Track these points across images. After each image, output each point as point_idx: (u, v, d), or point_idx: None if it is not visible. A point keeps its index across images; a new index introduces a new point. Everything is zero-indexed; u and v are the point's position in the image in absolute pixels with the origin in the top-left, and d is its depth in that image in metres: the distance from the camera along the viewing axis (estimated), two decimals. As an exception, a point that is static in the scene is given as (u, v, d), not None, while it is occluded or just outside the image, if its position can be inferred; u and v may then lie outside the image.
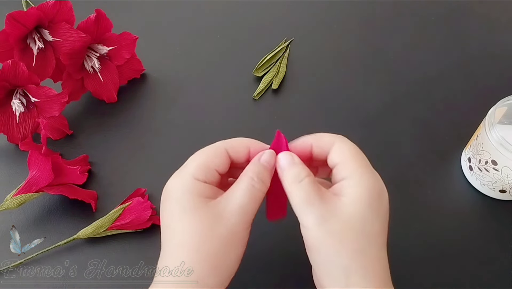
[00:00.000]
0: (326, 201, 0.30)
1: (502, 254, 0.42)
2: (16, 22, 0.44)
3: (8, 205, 0.42)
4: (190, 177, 0.31)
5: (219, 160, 0.32)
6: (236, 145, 0.33)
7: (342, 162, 0.31)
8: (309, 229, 0.30)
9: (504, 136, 0.39)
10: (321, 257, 0.30)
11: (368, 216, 0.30)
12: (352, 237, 0.29)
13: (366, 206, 0.30)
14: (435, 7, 0.62)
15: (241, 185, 0.31)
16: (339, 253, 0.29)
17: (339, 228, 0.29)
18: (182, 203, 0.31)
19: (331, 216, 0.29)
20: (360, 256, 0.29)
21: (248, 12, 0.62)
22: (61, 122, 0.49)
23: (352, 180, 0.30)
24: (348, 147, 0.32)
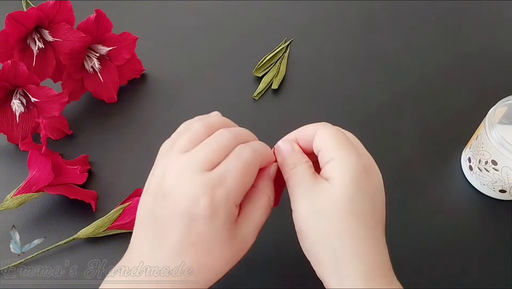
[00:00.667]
0: (317, 186, 0.30)
1: (502, 254, 0.42)
2: (16, 22, 0.44)
3: (8, 205, 0.42)
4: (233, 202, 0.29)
5: (253, 179, 0.31)
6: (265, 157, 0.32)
7: (324, 146, 0.31)
8: (300, 213, 0.30)
9: (504, 136, 0.39)
10: (311, 240, 0.30)
11: (356, 196, 0.29)
12: (340, 218, 0.29)
13: (354, 186, 0.30)
14: (435, 7, 0.62)
15: (261, 206, 0.32)
16: (327, 234, 0.29)
17: (328, 210, 0.29)
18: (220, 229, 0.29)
19: (320, 199, 0.30)
20: (347, 235, 0.29)
21: (248, 12, 0.62)
22: (61, 122, 0.49)
23: (334, 162, 0.30)
24: (329, 131, 0.32)
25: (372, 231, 0.30)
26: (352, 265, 0.29)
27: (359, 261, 0.29)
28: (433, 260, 0.42)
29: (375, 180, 0.31)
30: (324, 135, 0.32)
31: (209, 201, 0.28)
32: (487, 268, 0.42)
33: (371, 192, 0.30)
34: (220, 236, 0.29)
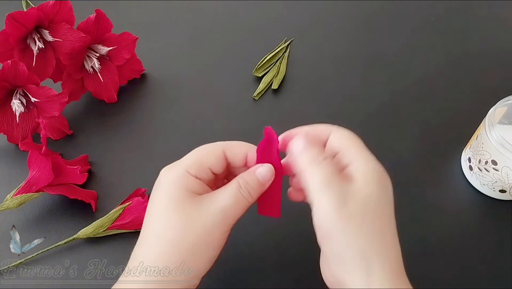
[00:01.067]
0: (344, 183, 0.29)
1: (502, 254, 0.42)
2: (16, 22, 0.44)
3: (8, 205, 0.42)
4: (182, 169, 0.32)
5: (214, 159, 0.32)
6: (234, 147, 0.33)
7: (344, 147, 0.31)
8: (327, 212, 0.29)
9: (504, 136, 0.39)
10: (339, 241, 0.29)
11: (382, 198, 0.30)
12: (370, 219, 0.29)
13: (379, 188, 0.30)
14: (435, 7, 0.62)
15: (228, 188, 0.31)
16: (357, 236, 0.29)
17: (358, 210, 0.29)
18: (169, 194, 0.31)
19: (349, 198, 0.29)
20: (378, 238, 0.29)
21: (248, 12, 0.62)
22: (61, 122, 0.49)
23: (359, 163, 0.30)
24: (347, 133, 0.32)
25: (394, 232, 0.30)
26: (381, 267, 0.29)
27: (388, 263, 0.29)
28: (433, 260, 0.42)
29: (390, 184, 0.31)
30: (343, 136, 0.32)
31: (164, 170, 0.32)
32: (487, 268, 0.42)
33: (391, 194, 0.31)
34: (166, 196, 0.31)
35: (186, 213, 0.30)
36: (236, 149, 0.33)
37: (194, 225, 0.30)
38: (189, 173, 0.31)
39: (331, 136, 0.32)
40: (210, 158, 0.32)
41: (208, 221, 0.30)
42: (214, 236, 0.31)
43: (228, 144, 0.33)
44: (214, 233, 0.30)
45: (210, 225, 0.30)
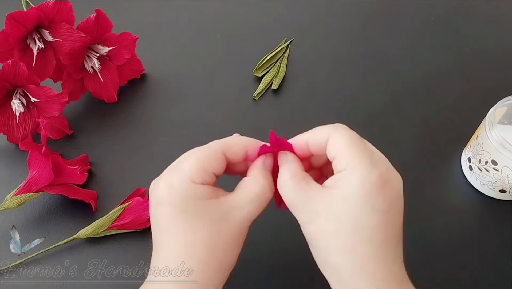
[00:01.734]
0: (315, 198, 0.29)
1: (502, 254, 0.42)
2: (16, 22, 0.44)
3: (8, 205, 0.42)
4: (188, 180, 0.30)
5: (216, 163, 0.31)
6: (232, 145, 0.32)
7: (338, 155, 0.30)
8: (303, 227, 0.30)
9: (504, 136, 0.39)
10: (316, 253, 0.30)
11: (360, 211, 0.27)
12: (341, 236, 0.28)
13: (358, 200, 0.27)
14: (435, 7, 0.62)
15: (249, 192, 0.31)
16: (328, 252, 0.29)
17: (329, 226, 0.28)
18: (182, 207, 0.30)
19: (320, 214, 0.28)
20: (348, 255, 0.28)
21: (248, 12, 0.62)
22: (61, 122, 0.49)
23: (344, 173, 0.29)
24: (343, 137, 0.30)
25: (381, 246, 0.28)
26: (358, 282, 0.28)
27: (365, 278, 0.28)
28: (432, 260, 0.42)
29: (391, 191, 0.29)
30: (338, 142, 0.30)
31: (165, 183, 0.30)
32: (487, 268, 0.42)
33: (384, 205, 0.28)
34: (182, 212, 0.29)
35: (209, 227, 0.29)
36: (235, 148, 0.32)
37: (222, 236, 0.30)
38: (195, 182, 0.30)
39: (329, 142, 0.31)
40: (212, 163, 0.31)
41: (235, 229, 0.30)
42: (242, 237, 0.31)
43: (226, 144, 0.32)
44: (242, 235, 0.31)
45: (239, 230, 0.31)
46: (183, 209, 0.30)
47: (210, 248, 0.30)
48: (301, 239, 0.31)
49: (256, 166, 0.32)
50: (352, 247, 0.28)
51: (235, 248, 0.31)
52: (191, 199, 0.30)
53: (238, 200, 0.31)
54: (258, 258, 0.42)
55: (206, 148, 0.32)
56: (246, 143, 0.32)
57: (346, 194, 0.28)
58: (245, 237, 0.32)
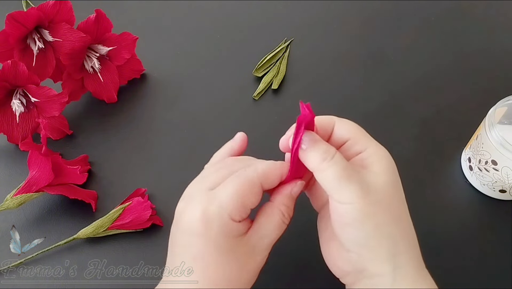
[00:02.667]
0: (361, 173, 0.30)
1: (502, 253, 0.42)
2: (16, 22, 0.44)
3: (8, 205, 0.42)
4: (227, 216, 0.29)
5: (255, 198, 0.30)
6: (270, 175, 0.31)
7: (353, 135, 0.31)
8: (353, 203, 0.28)
9: (504, 136, 0.39)
10: (366, 230, 0.29)
11: (397, 183, 0.31)
12: (395, 205, 0.30)
13: (393, 174, 0.30)
14: (435, 7, 0.62)
15: (273, 221, 0.31)
16: (385, 222, 0.29)
17: (381, 197, 0.29)
18: (216, 243, 0.29)
19: (371, 187, 0.29)
20: (401, 221, 0.30)
21: (248, 12, 0.62)
22: (61, 122, 0.49)
23: (370, 151, 0.31)
24: (351, 122, 0.32)
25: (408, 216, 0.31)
26: (409, 251, 0.30)
27: (414, 247, 0.30)
28: (432, 260, 0.42)
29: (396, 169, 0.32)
30: (349, 125, 0.32)
31: (201, 215, 0.29)
32: (487, 268, 0.42)
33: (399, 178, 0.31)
34: (216, 249, 0.29)
35: (239, 260, 0.30)
36: (272, 178, 0.31)
37: (247, 266, 0.31)
38: (234, 220, 0.30)
39: (337, 126, 0.32)
40: (251, 198, 0.30)
41: (260, 257, 0.31)
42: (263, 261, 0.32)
43: (264, 174, 0.31)
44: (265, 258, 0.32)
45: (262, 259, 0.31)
46: (217, 244, 0.29)
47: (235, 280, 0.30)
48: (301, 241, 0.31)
49: (283, 194, 0.32)
50: (405, 215, 0.31)
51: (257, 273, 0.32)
52: (227, 236, 0.30)
53: (263, 230, 0.31)
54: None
55: (245, 179, 0.30)
56: (282, 171, 0.32)
57: (382, 169, 0.30)
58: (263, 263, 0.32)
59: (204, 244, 0.29)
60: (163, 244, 0.43)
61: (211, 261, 0.30)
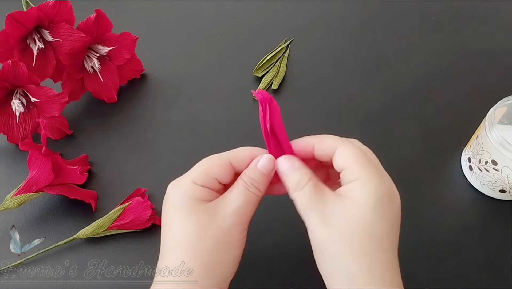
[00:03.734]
0: (329, 204, 0.30)
1: (502, 254, 0.42)
2: (16, 22, 0.44)
3: (8, 205, 0.42)
4: (189, 181, 0.32)
5: (219, 169, 0.32)
6: (239, 154, 0.33)
7: (347, 166, 0.31)
8: (313, 231, 0.30)
9: (504, 136, 0.39)
10: (325, 259, 0.31)
11: (373, 219, 0.30)
12: (355, 240, 0.29)
13: (371, 209, 0.30)
14: (435, 7, 0.62)
15: (236, 189, 0.32)
16: (341, 256, 0.29)
17: (342, 230, 0.29)
18: (179, 204, 0.32)
19: (334, 218, 0.30)
20: (363, 258, 0.29)
21: (248, 12, 0.62)
22: (61, 122, 0.49)
23: (357, 183, 0.30)
24: (352, 149, 0.32)
25: (387, 253, 0.30)
26: (370, 285, 0.29)
27: (378, 281, 0.29)
28: (432, 260, 0.42)
29: (395, 203, 0.31)
30: (348, 154, 0.31)
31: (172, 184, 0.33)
32: (487, 268, 0.42)
33: (391, 215, 0.31)
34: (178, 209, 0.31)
35: (199, 220, 0.31)
36: (241, 155, 0.33)
37: (209, 228, 0.31)
38: (196, 183, 0.32)
39: (337, 153, 0.32)
40: (215, 168, 0.32)
41: (224, 222, 0.31)
42: (232, 235, 0.31)
43: (233, 153, 0.33)
44: (231, 232, 0.31)
45: (226, 225, 0.31)
46: (180, 205, 0.31)
47: (196, 240, 0.30)
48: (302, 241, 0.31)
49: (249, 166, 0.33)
50: (366, 251, 0.29)
51: (226, 247, 0.31)
52: (190, 197, 0.31)
53: (227, 197, 0.32)
54: (257, 257, 0.42)
55: (215, 156, 0.33)
56: (252, 151, 0.34)
57: (360, 202, 0.30)
58: (240, 239, 0.32)
59: (171, 207, 0.32)
60: (163, 244, 0.43)
61: (174, 220, 0.31)
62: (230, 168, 0.33)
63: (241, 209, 0.31)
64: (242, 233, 0.32)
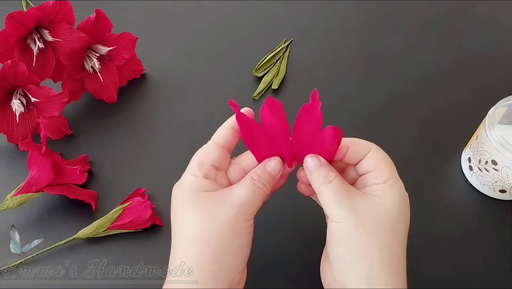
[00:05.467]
0: (356, 198, 0.32)
1: (502, 254, 0.42)
2: (16, 22, 0.44)
3: (8, 205, 0.42)
4: (189, 175, 0.34)
5: (211, 155, 0.34)
6: (220, 132, 0.35)
7: (378, 168, 0.33)
8: (340, 222, 0.31)
9: (504, 136, 0.39)
10: (348, 248, 0.31)
11: (397, 218, 0.32)
12: (380, 233, 0.31)
13: (397, 209, 0.32)
14: (435, 7, 0.62)
15: (243, 182, 0.33)
16: (366, 245, 0.31)
17: (369, 222, 0.31)
18: (185, 198, 0.33)
19: (362, 211, 0.31)
20: (386, 250, 0.31)
21: (248, 12, 0.62)
22: (61, 122, 0.49)
23: (385, 185, 0.32)
24: (384, 155, 0.34)
25: (404, 252, 0.32)
26: (385, 279, 0.31)
27: (391, 276, 0.31)
28: (432, 260, 0.42)
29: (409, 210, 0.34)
30: (380, 158, 0.34)
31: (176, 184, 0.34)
32: (487, 268, 0.42)
33: (407, 219, 0.33)
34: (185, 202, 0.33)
35: (208, 209, 0.32)
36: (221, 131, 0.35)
37: (217, 217, 0.31)
38: (196, 175, 0.33)
39: (370, 155, 0.33)
40: (207, 156, 0.34)
41: (230, 211, 0.32)
42: (240, 223, 0.32)
43: (215, 135, 0.35)
44: (238, 219, 0.32)
45: (233, 214, 0.32)
46: (186, 198, 0.33)
47: (204, 227, 0.31)
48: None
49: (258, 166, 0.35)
50: (390, 246, 0.31)
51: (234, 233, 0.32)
52: (194, 190, 0.33)
53: (234, 188, 0.33)
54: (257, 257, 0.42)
55: (202, 147, 0.35)
56: (229, 123, 0.35)
57: (388, 202, 0.32)
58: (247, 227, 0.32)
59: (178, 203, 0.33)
60: (163, 244, 0.43)
61: (181, 212, 0.33)
62: (220, 149, 0.34)
63: (247, 199, 0.32)
64: (248, 222, 0.32)
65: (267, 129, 0.34)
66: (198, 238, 0.31)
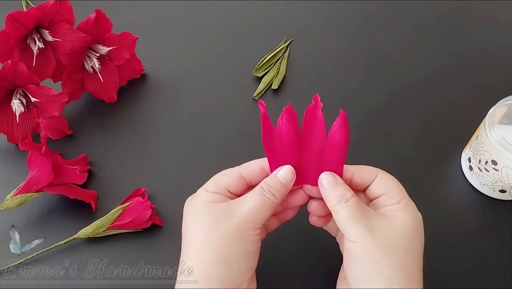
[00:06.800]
0: (372, 218, 0.32)
1: (502, 254, 0.42)
2: (16, 22, 0.44)
3: (8, 205, 0.42)
4: (202, 190, 0.35)
5: (229, 180, 0.34)
6: (249, 166, 0.35)
7: (389, 190, 0.34)
8: (357, 241, 0.31)
9: (504, 136, 0.39)
10: (366, 268, 0.31)
11: (412, 236, 0.32)
12: (398, 252, 0.31)
13: (411, 227, 0.32)
14: (435, 7, 0.62)
15: (253, 193, 0.33)
16: (384, 265, 0.31)
17: (386, 242, 0.31)
18: (194, 208, 0.34)
19: (379, 231, 0.31)
20: (404, 270, 0.31)
21: (248, 12, 0.62)
22: (61, 122, 0.49)
23: (398, 206, 0.33)
24: (391, 178, 0.34)
25: (419, 268, 0.33)
26: None
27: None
28: (432, 260, 0.42)
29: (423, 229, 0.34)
30: (388, 181, 0.34)
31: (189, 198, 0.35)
32: (487, 268, 0.42)
33: (422, 235, 0.34)
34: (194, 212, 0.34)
35: (214, 217, 0.32)
36: (250, 166, 0.35)
37: (221, 222, 0.32)
38: (208, 191, 0.34)
39: (377, 180, 0.34)
40: (225, 179, 0.35)
41: (235, 219, 0.32)
42: (245, 231, 0.32)
43: (244, 165, 0.35)
44: (243, 227, 0.32)
45: (239, 221, 0.32)
46: (196, 208, 0.34)
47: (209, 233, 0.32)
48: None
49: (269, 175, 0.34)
50: (407, 264, 0.32)
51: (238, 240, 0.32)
52: (203, 202, 0.34)
53: (243, 199, 0.33)
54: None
55: (227, 169, 0.36)
56: (261, 162, 0.35)
57: (403, 221, 0.32)
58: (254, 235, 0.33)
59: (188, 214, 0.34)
60: (163, 244, 0.43)
61: (190, 221, 0.34)
62: (240, 178, 0.35)
63: (254, 209, 0.32)
64: (255, 230, 0.33)
65: (283, 139, 0.34)
66: (201, 243, 0.32)
